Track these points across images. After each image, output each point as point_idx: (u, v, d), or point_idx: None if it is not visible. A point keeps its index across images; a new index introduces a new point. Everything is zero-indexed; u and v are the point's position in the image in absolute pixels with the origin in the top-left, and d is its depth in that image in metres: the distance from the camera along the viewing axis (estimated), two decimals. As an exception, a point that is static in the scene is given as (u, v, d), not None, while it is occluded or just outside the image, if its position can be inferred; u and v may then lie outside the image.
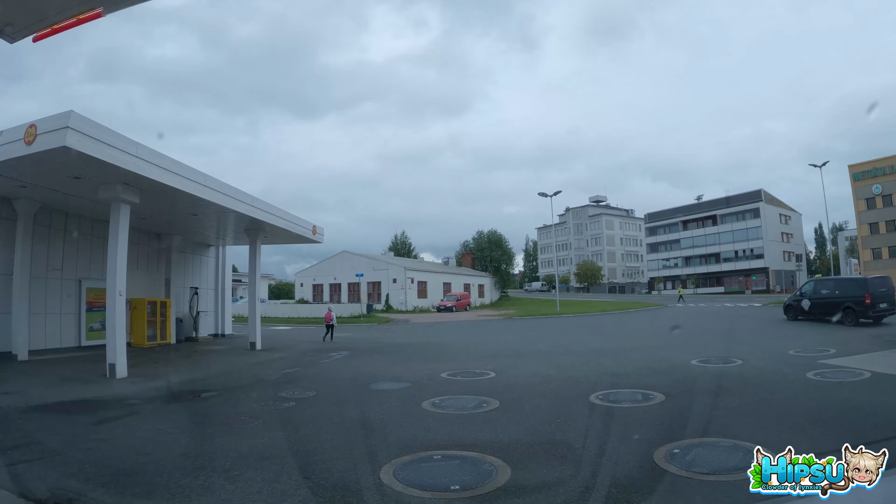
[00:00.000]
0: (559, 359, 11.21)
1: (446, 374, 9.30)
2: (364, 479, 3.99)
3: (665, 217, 75.95)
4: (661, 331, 18.89)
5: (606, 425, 5.38)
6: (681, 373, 8.66)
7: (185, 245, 18.33)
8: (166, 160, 10.30)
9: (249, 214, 13.61)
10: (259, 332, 15.49)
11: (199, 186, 11.22)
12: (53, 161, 8.99)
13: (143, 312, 15.56)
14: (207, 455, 4.76)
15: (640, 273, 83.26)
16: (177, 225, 16.03)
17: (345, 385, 8.68)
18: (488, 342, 16.19)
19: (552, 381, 8.27)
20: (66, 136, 8.19)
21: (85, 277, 14.33)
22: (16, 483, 3.87)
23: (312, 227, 16.85)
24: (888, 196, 45.01)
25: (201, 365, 12.00)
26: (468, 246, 57.26)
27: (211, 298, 19.82)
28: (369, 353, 13.80)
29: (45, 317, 13.24)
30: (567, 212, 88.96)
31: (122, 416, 6.75)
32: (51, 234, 13.56)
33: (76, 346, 13.94)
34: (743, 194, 66.55)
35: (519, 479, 3.92)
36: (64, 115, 8.34)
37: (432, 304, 43.58)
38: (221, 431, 5.75)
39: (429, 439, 5.10)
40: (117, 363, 9.85)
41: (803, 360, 9.39)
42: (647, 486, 3.70)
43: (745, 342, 12.92)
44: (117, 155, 9.02)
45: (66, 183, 10.68)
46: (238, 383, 9.26)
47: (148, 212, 13.41)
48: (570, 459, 4.40)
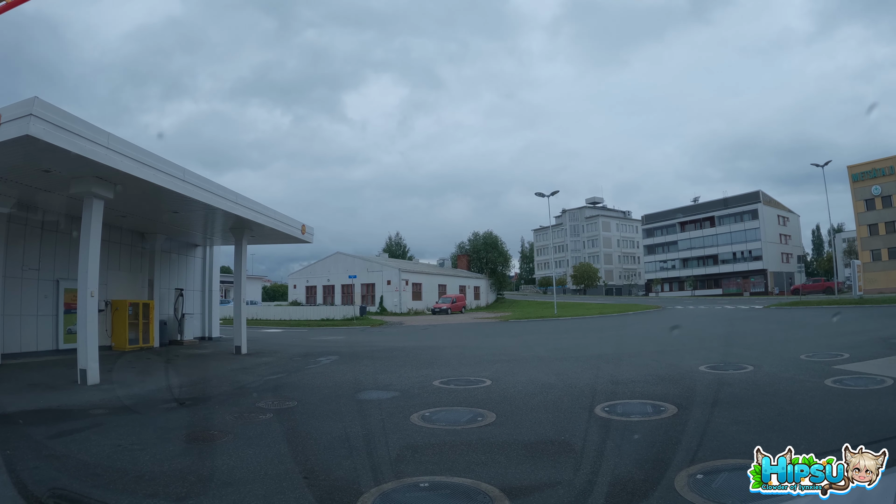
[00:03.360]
0: (559, 365, 10.65)
1: (439, 381, 8.73)
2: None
3: (662, 218, 75.68)
4: (663, 334, 18.39)
5: (616, 444, 4.80)
6: (690, 380, 8.11)
7: (170, 245, 17.69)
8: (142, 153, 9.69)
9: (234, 212, 12.99)
10: (244, 336, 14.87)
11: (178, 182, 10.60)
12: (18, 152, 8.37)
13: (124, 315, 14.94)
14: (164, 478, 4.18)
15: (637, 275, 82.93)
16: (160, 223, 15.40)
17: (329, 394, 8.08)
18: (484, 346, 15.64)
19: (553, 391, 7.70)
20: (30, 125, 7.57)
21: (63, 278, 13.67)
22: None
23: (301, 227, 16.26)
24: (888, 197, 44.74)
25: (181, 371, 11.38)
26: (463, 247, 56.72)
27: (197, 300, 19.19)
28: (359, 357, 13.22)
29: (20, 319, 12.63)
30: (563, 213, 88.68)
31: (83, 428, 6.17)
32: (27, 231, 12.94)
33: (53, 350, 13.33)
34: (741, 195, 66.35)
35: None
36: (27, 101, 7.72)
37: (427, 306, 43.03)
38: (186, 449, 5.18)
39: (416, 461, 4.52)
40: (89, 369, 9.24)
41: (818, 366, 8.88)
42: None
43: (752, 346, 12.42)
44: (87, 146, 8.40)
45: (36, 177, 10.05)
46: (216, 391, 8.65)
47: (127, 209, 12.81)
48: (577, 487, 3.82)
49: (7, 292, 11.89)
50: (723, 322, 22.79)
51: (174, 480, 4.10)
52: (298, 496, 3.74)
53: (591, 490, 3.67)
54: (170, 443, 5.38)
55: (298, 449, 4.98)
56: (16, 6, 3.98)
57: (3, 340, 11.75)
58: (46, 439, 5.54)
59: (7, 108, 7.88)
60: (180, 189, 10.73)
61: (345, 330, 25.62)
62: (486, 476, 4.00)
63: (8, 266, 11.99)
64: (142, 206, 12.88)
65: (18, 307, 12.48)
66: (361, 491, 3.73)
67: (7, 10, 3.29)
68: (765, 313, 27.90)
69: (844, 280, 51.84)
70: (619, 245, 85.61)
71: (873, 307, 27.42)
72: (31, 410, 6.95)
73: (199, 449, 5.15)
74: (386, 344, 17.05)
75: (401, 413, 6.42)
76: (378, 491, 3.73)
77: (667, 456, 4.30)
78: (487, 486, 3.80)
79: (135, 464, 4.61)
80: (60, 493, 3.75)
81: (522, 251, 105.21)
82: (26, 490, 3.79)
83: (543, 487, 3.86)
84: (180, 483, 4.04)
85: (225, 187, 12.74)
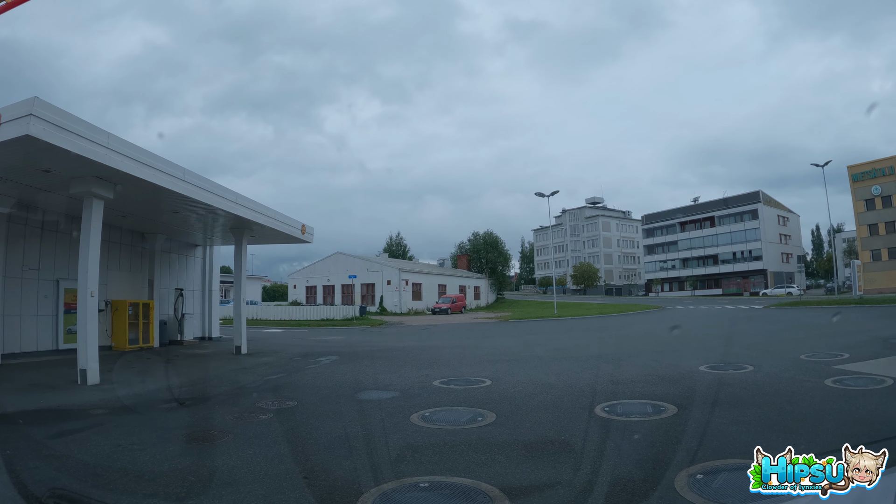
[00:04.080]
0: (559, 365, 10.64)
1: (439, 381, 8.73)
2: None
3: (663, 219, 75.66)
4: (663, 334, 18.39)
5: (616, 444, 4.79)
6: (690, 380, 8.11)
7: (170, 245, 17.67)
8: (142, 153, 9.68)
9: (234, 212, 12.98)
10: (244, 336, 14.86)
11: (178, 181, 10.60)
12: (18, 152, 8.37)
13: (124, 315, 14.93)
14: (164, 478, 4.18)
15: (637, 275, 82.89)
16: (160, 223, 15.39)
17: (329, 394, 8.08)
18: (484, 346, 15.63)
19: (553, 391, 7.69)
20: (30, 125, 7.57)
21: (63, 278, 13.65)
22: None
23: (301, 227, 16.25)
24: (888, 197, 44.73)
25: (180, 370, 11.37)
26: (463, 247, 56.69)
27: (197, 300, 19.18)
28: (359, 357, 13.21)
29: (20, 318, 12.61)
30: (563, 213, 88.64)
31: (83, 428, 6.17)
32: (27, 231, 12.92)
33: (53, 350, 13.31)
34: (741, 195, 66.33)
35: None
36: (28, 101, 7.71)
37: (427, 306, 43.01)
38: (186, 449, 5.18)
39: (416, 461, 4.51)
40: (89, 369, 9.23)
41: (818, 366, 8.88)
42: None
43: (752, 346, 12.41)
44: (87, 146, 8.40)
45: (36, 177, 10.04)
46: (216, 391, 8.65)
47: (127, 209, 12.80)
48: (576, 487, 3.82)
49: (7, 292, 11.87)
50: (723, 322, 22.80)
51: (174, 480, 4.09)
52: (298, 496, 3.73)
53: (591, 490, 3.67)
54: (170, 443, 5.37)
55: (298, 449, 4.97)
56: (16, 6, 3.98)
57: (3, 340, 11.73)
58: (46, 439, 5.53)
59: (7, 108, 7.86)
60: (180, 189, 10.72)
61: (345, 330, 25.61)
62: (486, 476, 4.00)
63: (8, 266, 11.97)
64: (142, 206, 12.87)
65: (18, 307, 12.46)
66: (361, 491, 3.72)
67: (7, 10, 3.29)
68: (765, 313, 27.90)
69: (844, 281, 51.83)
70: (619, 245, 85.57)
71: (873, 307, 27.43)
72: (31, 410, 6.94)
73: (199, 449, 5.15)
74: (386, 344, 17.04)
75: (401, 413, 6.41)
76: (378, 491, 3.72)
77: (667, 456, 4.30)
78: (487, 486, 3.79)
79: (135, 464, 4.60)
80: (60, 493, 3.74)
81: (522, 251, 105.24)
82: (26, 490, 3.78)
83: (543, 487, 3.86)
84: (180, 483, 4.03)
85: (225, 187, 12.75)
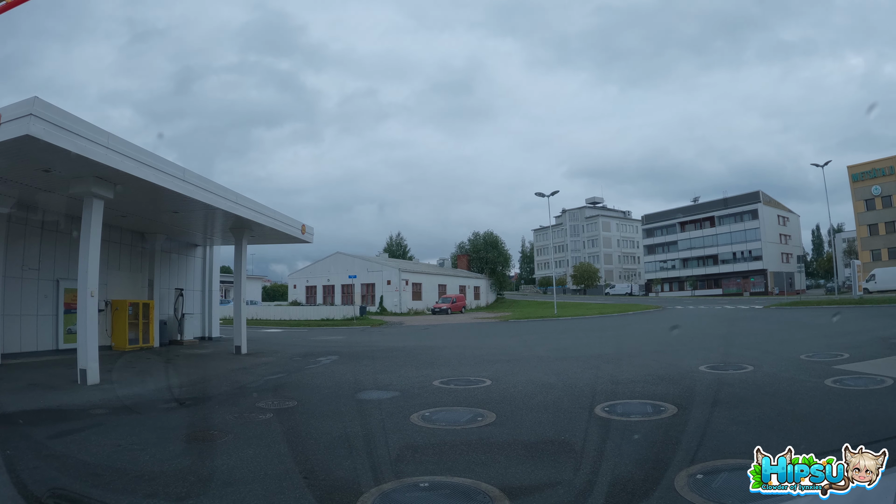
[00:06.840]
0: (559, 365, 10.64)
1: (439, 381, 8.73)
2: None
3: (662, 218, 75.63)
4: (663, 334, 18.37)
5: (617, 444, 4.79)
6: (690, 380, 8.10)
7: (170, 245, 17.66)
8: (142, 153, 9.68)
9: (234, 212, 12.97)
10: (244, 336, 14.86)
11: (178, 181, 10.59)
12: (18, 152, 8.36)
13: (124, 314, 14.93)
14: (164, 478, 4.18)
15: (637, 275, 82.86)
16: (160, 223, 15.39)
17: (329, 394, 8.08)
18: (484, 346, 15.62)
19: (553, 391, 7.69)
20: (30, 125, 7.56)
21: (63, 278, 13.64)
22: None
23: (301, 227, 16.25)
24: (888, 197, 44.73)
25: (181, 371, 11.37)
26: (463, 247, 56.67)
27: (197, 300, 19.17)
28: (359, 357, 13.20)
29: (20, 318, 12.59)
30: (563, 213, 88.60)
31: (83, 428, 6.17)
32: (27, 231, 12.91)
33: (53, 350, 13.29)
34: (741, 195, 66.27)
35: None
36: (27, 101, 7.70)
37: (427, 306, 43.00)
38: (186, 449, 5.18)
39: (416, 461, 4.51)
40: (88, 369, 9.23)
41: (818, 366, 8.87)
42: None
43: (752, 346, 12.40)
44: (87, 146, 8.39)
45: (36, 177, 10.04)
46: (216, 391, 8.64)
47: (127, 209, 12.80)
48: (576, 487, 3.82)
49: (7, 292, 11.86)
50: (723, 322, 22.78)
51: (174, 480, 4.09)
52: (298, 496, 3.73)
53: (591, 490, 3.67)
54: (170, 443, 5.37)
55: (298, 449, 4.96)
56: (16, 6, 4.00)
57: (3, 340, 11.72)
58: (46, 439, 5.53)
59: (7, 108, 7.86)
60: (180, 189, 10.71)
61: (345, 330, 25.60)
62: (486, 476, 4.00)
63: (8, 266, 11.96)
64: (142, 206, 12.86)
65: (18, 307, 12.44)
66: (361, 491, 3.72)
67: (6, 10, 3.30)
68: (765, 313, 27.89)
69: (844, 281, 51.80)
70: (619, 245, 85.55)
71: (873, 307, 27.41)
72: (31, 410, 6.93)
73: (199, 449, 5.15)
74: (386, 344, 17.03)
75: (401, 413, 6.41)
76: (378, 491, 3.72)
77: (667, 456, 4.30)
78: (487, 486, 3.79)
79: (135, 464, 4.59)
80: (60, 493, 3.74)
81: (523, 251, 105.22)
82: (26, 490, 3.78)
83: (543, 487, 3.86)
84: (180, 483, 4.03)
85: (225, 187, 12.73)
